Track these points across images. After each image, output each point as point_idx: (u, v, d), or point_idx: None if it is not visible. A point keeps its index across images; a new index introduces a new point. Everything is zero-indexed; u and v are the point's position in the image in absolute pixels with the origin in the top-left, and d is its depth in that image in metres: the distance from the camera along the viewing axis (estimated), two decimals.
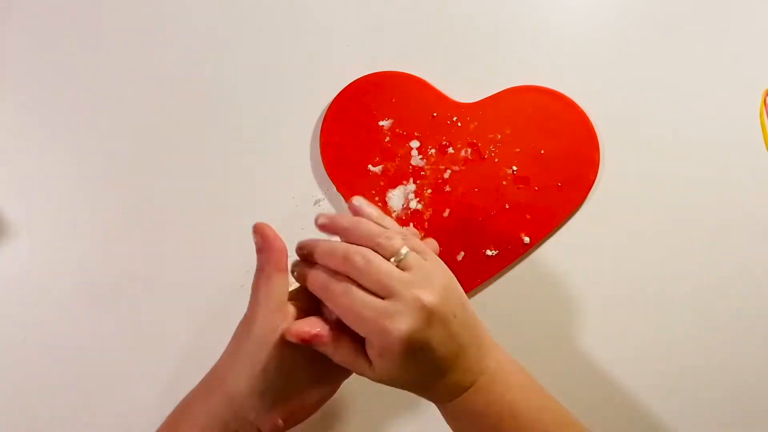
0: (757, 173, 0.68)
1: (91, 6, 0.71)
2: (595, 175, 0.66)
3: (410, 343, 0.42)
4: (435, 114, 0.68)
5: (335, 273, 0.45)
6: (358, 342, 0.45)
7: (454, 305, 0.45)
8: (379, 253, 0.45)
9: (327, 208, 0.68)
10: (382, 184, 0.67)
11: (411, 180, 0.67)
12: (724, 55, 0.70)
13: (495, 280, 0.67)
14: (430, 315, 0.43)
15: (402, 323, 0.42)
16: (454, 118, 0.67)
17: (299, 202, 0.68)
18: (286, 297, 0.47)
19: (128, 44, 0.71)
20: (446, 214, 0.67)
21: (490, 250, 0.66)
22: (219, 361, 0.49)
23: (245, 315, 0.48)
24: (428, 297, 0.43)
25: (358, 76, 0.68)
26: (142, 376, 0.65)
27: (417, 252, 0.47)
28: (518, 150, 0.67)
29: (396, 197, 0.67)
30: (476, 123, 0.67)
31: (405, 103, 0.68)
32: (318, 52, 0.70)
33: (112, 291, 0.66)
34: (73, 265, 0.67)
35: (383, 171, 0.67)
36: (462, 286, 0.65)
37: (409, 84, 0.68)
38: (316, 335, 0.44)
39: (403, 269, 0.44)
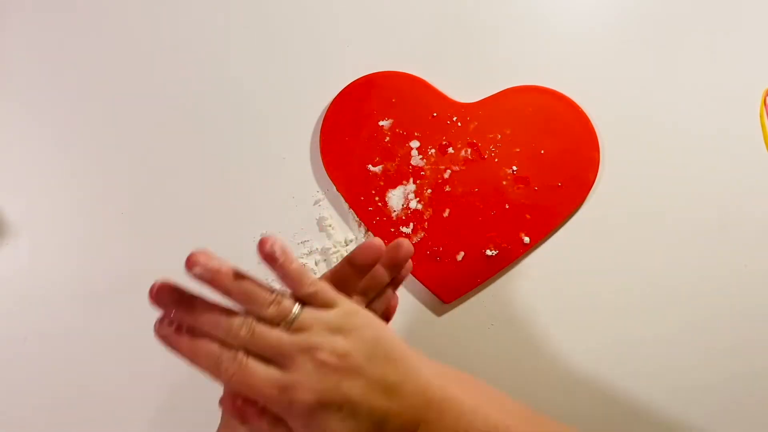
0: (757, 173, 0.68)
1: (92, 6, 0.71)
2: (595, 175, 0.66)
3: (327, 408, 0.39)
4: (435, 114, 0.68)
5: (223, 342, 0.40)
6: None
7: (370, 349, 0.41)
8: (267, 319, 0.41)
9: (327, 207, 0.68)
10: (382, 184, 0.67)
11: (411, 180, 0.67)
12: (724, 55, 0.70)
13: (495, 279, 0.67)
14: (337, 369, 0.39)
15: (307, 393, 0.38)
16: (454, 118, 0.67)
17: (299, 202, 0.68)
18: None
19: (128, 45, 0.71)
20: (446, 214, 0.67)
21: (490, 250, 0.66)
22: None
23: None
24: (327, 354, 0.39)
25: (358, 76, 0.68)
26: (142, 376, 0.65)
27: (320, 302, 0.42)
28: (518, 150, 0.67)
29: (396, 197, 0.67)
30: (476, 123, 0.67)
31: (405, 103, 0.68)
32: (318, 52, 0.71)
33: (111, 291, 0.66)
34: (73, 265, 0.67)
35: (383, 171, 0.67)
36: (462, 286, 0.66)
37: (409, 84, 0.68)
38: (241, 408, 0.40)
39: (298, 330, 0.40)
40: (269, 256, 0.42)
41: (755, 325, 0.66)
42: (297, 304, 0.42)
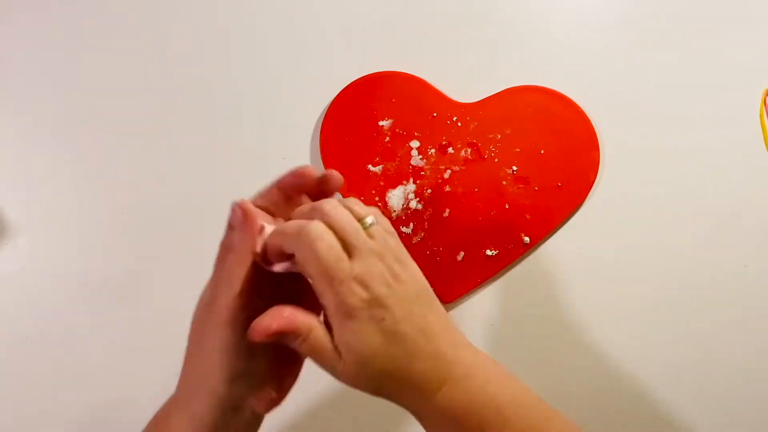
0: (757, 173, 0.68)
1: (92, 6, 0.71)
2: (595, 175, 0.66)
3: (371, 311, 0.39)
4: (435, 114, 0.68)
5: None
6: (325, 330, 0.41)
7: (417, 286, 0.42)
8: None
9: None
10: (382, 184, 0.67)
11: (411, 180, 0.67)
12: (724, 55, 0.70)
13: (495, 279, 0.67)
14: (391, 287, 0.40)
15: (362, 289, 0.39)
16: (454, 118, 0.67)
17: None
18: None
19: (128, 45, 0.71)
20: (446, 214, 0.66)
21: (490, 250, 0.66)
22: (184, 368, 0.45)
23: (205, 302, 0.44)
24: (387, 269, 0.40)
25: (359, 76, 0.68)
26: (142, 376, 0.65)
27: (384, 230, 0.43)
28: (518, 150, 0.67)
29: (396, 197, 0.67)
30: (476, 123, 0.67)
31: (405, 103, 0.68)
32: (318, 52, 0.71)
33: (111, 291, 0.66)
34: (73, 265, 0.67)
35: (383, 171, 0.67)
36: (462, 285, 0.66)
37: (409, 84, 0.68)
38: (285, 326, 0.39)
39: (370, 236, 0.41)
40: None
41: (755, 325, 0.66)
42: (374, 217, 0.42)
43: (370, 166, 0.67)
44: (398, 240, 0.44)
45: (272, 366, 0.44)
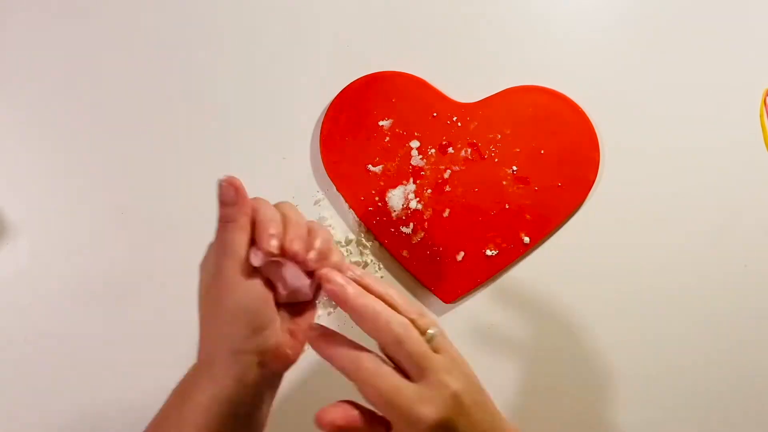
0: (757, 173, 0.68)
1: (93, 6, 0.72)
2: (595, 175, 0.66)
3: (441, 430, 0.41)
4: (435, 114, 0.68)
5: (359, 346, 0.42)
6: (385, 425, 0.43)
7: (476, 392, 0.44)
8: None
9: (327, 207, 0.68)
10: (382, 183, 0.67)
11: (411, 180, 0.67)
12: (724, 56, 0.70)
13: (495, 279, 0.67)
14: (458, 403, 0.42)
15: (433, 411, 0.40)
16: (454, 118, 0.67)
17: (299, 201, 0.68)
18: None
19: (129, 46, 0.71)
20: (446, 213, 0.66)
21: (490, 250, 0.66)
22: (201, 338, 0.47)
23: (211, 273, 0.46)
24: (457, 384, 0.42)
25: (358, 76, 0.68)
26: (143, 375, 0.65)
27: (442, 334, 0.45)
28: (518, 150, 0.67)
29: (396, 197, 0.67)
30: (476, 123, 0.67)
31: (405, 103, 0.68)
32: (319, 52, 0.71)
33: (111, 290, 0.66)
34: (73, 265, 0.67)
35: (383, 171, 0.67)
36: (462, 285, 0.66)
37: (409, 84, 0.68)
38: (351, 422, 0.42)
39: (435, 350, 0.43)
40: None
41: (755, 325, 0.67)
42: (435, 325, 0.43)
43: (370, 166, 0.67)
44: (450, 342, 0.45)
45: (285, 324, 0.46)
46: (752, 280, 0.67)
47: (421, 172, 0.67)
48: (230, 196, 0.46)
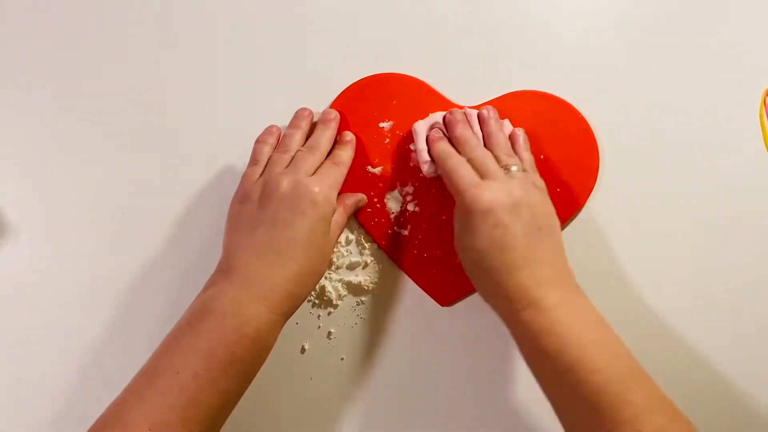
0: (757, 174, 0.69)
1: (90, 5, 0.71)
2: (594, 182, 0.67)
3: (488, 212, 0.51)
4: None
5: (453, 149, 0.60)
6: None
7: (540, 220, 0.53)
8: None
9: None
10: (381, 185, 0.67)
11: (410, 182, 0.67)
12: (724, 56, 0.70)
13: None
14: (515, 204, 0.52)
15: (486, 193, 0.52)
16: None
17: None
18: None
19: (128, 45, 0.71)
20: (445, 217, 0.67)
21: None
22: (259, 269, 0.55)
23: (313, 199, 0.56)
24: (519, 192, 0.53)
25: (359, 78, 0.68)
26: None
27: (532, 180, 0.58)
28: None
29: (395, 199, 0.67)
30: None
31: (405, 105, 0.68)
32: (319, 52, 0.70)
33: (111, 291, 0.67)
34: (73, 265, 0.67)
35: (382, 172, 0.67)
36: (459, 289, 0.67)
37: (411, 86, 0.68)
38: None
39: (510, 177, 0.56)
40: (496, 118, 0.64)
41: (755, 326, 0.67)
42: (519, 166, 0.59)
43: (369, 168, 0.67)
44: (545, 191, 0.58)
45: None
46: (752, 281, 0.67)
47: (420, 175, 0.67)
48: (346, 139, 0.66)
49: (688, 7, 0.70)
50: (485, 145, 0.60)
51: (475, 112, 0.63)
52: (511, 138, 0.63)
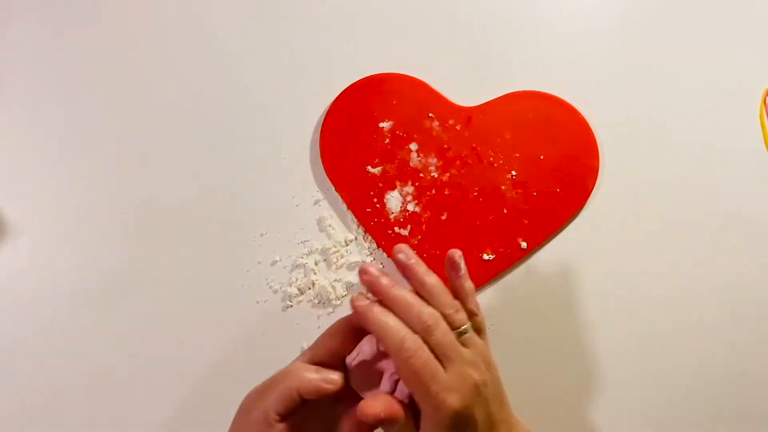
0: (757, 174, 0.69)
1: (91, 8, 0.71)
2: (594, 182, 0.67)
3: (459, 419, 0.44)
4: (436, 117, 0.67)
5: (403, 324, 0.45)
6: (414, 420, 0.46)
7: (496, 385, 0.48)
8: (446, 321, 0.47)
9: (327, 208, 0.68)
10: (380, 185, 0.67)
11: (410, 182, 0.67)
12: (724, 56, 0.70)
13: (491, 284, 0.68)
14: (478, 393, 0.45)
15: (457, 400, 0.44)
16: (455, 122, 0.67)
17: (299, 201, 0.69)
18: None
19: (128, 46, 0.71)
20: (444, 217, 0.67)
21: (487, 254, 0.66)
22: None
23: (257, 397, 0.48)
24: (478, 376, 0.46)
25: (360, 78, 0.68)
26: (143, 376, 0.66)
27: (477, 324, 0.50)
28: (518, 155, 0.67)
29: (394, 199, 0.67)
30: (476, 127, 0.67)
31: (406, 105, 0.68)
32: (319, 52, 0.70)
33: (111, 291, 0.67)
34: (73, 265, 0.67)
35: (382, 172, 0.67)
36: None
37: (411, 86, 0.68)
38: (392, 413, 0.45)
39: (464, 344, 0.47)
40: (455, 265, 0.50)
41: (755, 326, 0.67)
42: (468, 322, 0.48)
43: (369, 168, 0.67)
44: (486, 338, 0.51)
45: None
46: (752, 281, 0.68)
47: (420, 175, 0.67)
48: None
49: (688, 7, 0.70)
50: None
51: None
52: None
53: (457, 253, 0.50)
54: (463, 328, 0.47)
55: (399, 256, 0.49)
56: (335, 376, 0.47)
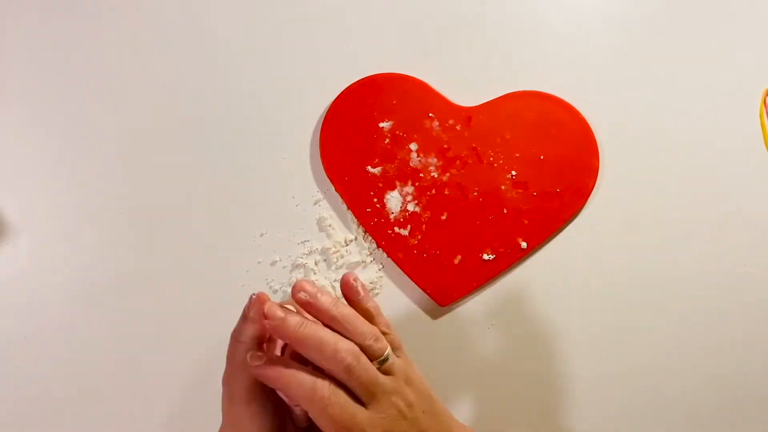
0: (757, 174, 0.69)
1: (91, 8, 0.71)
2: (594, 182, 0.67)
3: None
4: (436, 117, 0.67)
5: (311, 371, 0.44)
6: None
7: (426, 404, 0.47)
8: (365, 354, 0.45)
9: (327, 208, 0.69)
10: (380, 185, 0.67)
11: (409, 182, 0.67)
12: (724, 56, 0.70)
13: (491, 284, 0.68)
14: (405, 418, 0.45)
15: None
16: (455, 122, 0.67)
17: (299, 201, 0.69)
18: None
19: (128, 46, 0.71)
20: (444, 216, 0.67)
21: (487, 254, 0.66)
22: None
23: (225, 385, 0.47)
24: (404, 402, 0.45)
25: (359, 77, 0.68)
26: (142, 376, 0.66)
27: (394, 343, 0.48)
28: (518, 155, 0.67)
29: (394, 199, 0.67)
30: (476, 127, 0.67)
31: (406, 105, 0.68)
32: (320, 52, 0.70)
33: (111, 291, 0.67)
34: (73, 265, 0.67)
35: (382, 172, 0.67)
36: (458, 289, 0.67)
37: (411, 86, 0.68)
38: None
39: (385, 373, 0.45)
40: (353, 289, 0.48)
41: (755, 326, 0.67)
42: (388, 347, 0.47)
43: (369, 168, 0.67)
44: (404, 353, 0.49)
45: None
46: (752, 282, 0.68)
47: (420, 175, 0.67)
48: (255, 312, 0.47)
49: (688, 7, 0.70)
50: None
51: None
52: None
53: (351, 276, 0.49)
54: (384, 355, 0.46)
55: (300, 296, 0.45)
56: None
